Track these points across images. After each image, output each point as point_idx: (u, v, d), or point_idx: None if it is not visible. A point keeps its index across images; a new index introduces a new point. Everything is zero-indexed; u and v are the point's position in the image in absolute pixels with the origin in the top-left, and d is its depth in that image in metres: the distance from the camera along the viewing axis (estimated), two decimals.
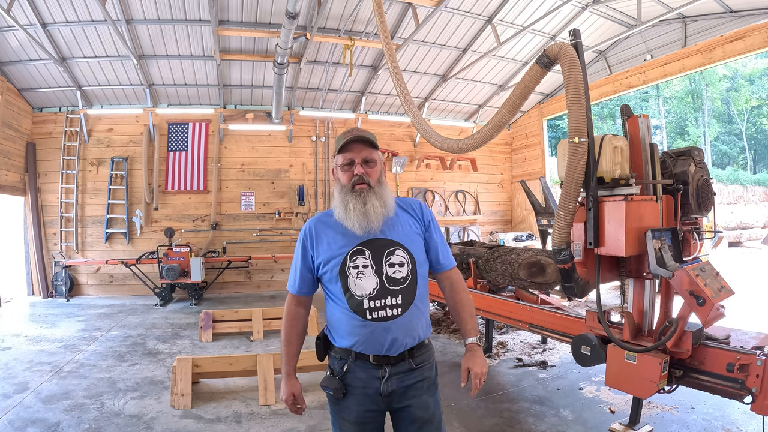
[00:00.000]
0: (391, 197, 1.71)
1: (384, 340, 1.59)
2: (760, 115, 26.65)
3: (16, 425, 3.14)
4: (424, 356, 1.69)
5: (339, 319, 1.65)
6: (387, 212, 1.66)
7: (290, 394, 1.71)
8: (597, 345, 2.78)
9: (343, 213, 1.64)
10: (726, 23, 6.88)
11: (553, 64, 2.84)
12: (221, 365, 3.80)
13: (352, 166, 1.67)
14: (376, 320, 1.59)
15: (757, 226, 15.06)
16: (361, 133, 1.69)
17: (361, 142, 1.67)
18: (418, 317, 1.65)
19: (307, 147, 9.63)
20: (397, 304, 1.61)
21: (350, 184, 1.65)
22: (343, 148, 1.68)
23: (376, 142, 1.71)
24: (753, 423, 2.99)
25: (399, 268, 1.63)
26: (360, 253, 1.63)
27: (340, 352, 1.67)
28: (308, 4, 6.72)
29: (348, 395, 1.64)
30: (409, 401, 1.65)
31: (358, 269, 1.62)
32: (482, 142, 3.68)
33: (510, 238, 9.74)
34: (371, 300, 1.60)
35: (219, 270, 8.31)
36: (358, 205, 1.62)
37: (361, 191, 1.64)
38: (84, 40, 7.13)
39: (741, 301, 5.08)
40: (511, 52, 8.83)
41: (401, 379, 1.63)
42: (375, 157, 1.69)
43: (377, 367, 1.62)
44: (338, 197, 1.69)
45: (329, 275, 1.66)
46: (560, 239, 2.73)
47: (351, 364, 1.64)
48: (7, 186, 7.70)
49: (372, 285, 1.61)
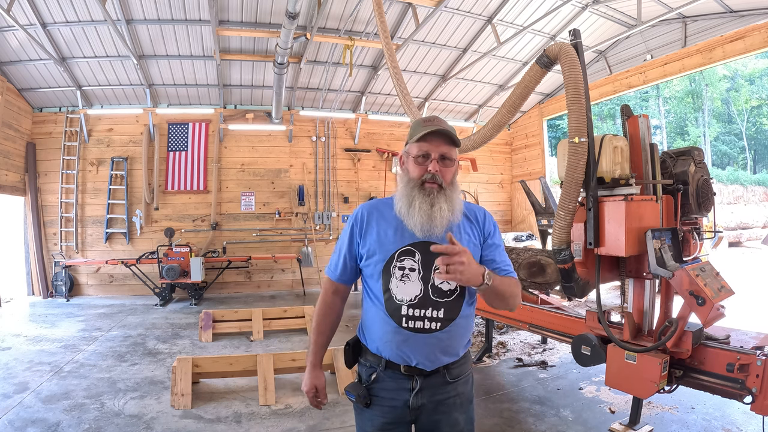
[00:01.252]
0: (461, 203, 1.55)
1: (416, 353, 1.47)
2: (760, 115, 26.65)
3: (16, 425, 3.14)
4: (461, 369, 1.56)
5: (372, 319, 1.54)
6: (454, 218, 1.50)
7: (313, 386, 1.63)
8: (597, 345, 2.78)
9: (405, 209, 1.48)
10: (726, 23, 6.87)
11: (553, 64, 2.84)
12: (221, 365, 3.80)
13: (426, 160, 1.49)
14: (412, 330, 1.46)
15: (757, 226, 15.07)
16: (443, 125, 1.49)
17: (442, 136, 1.48)
18: (459, 335, 1.52)
19: (307, 147, 9.62)
20: (438, 317, 1.46)
21: (420, 180, 1.48)
22: (420, 138, 1.49)
23: (458, 139, 1.52)
24: (753, 423, 2.99)
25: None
26: (410, 254, 1.49)
27: (371, 359, 1.55)
28: (308, 4, 6.71)
29: (373, 405, 1.53)
30: (438, 417, 1.52)
31: (404, 271, 1.48)
32: (482, 142, 3.68)
33: (510, 238, 9.72)
34: (411, 307, 1.46)
35: (219, 270, 8.31)
36: (425, 205, 1.45)
37: (431, 191, 1.47)
38: (84, 40, 7.13)
39: (741, 301, 5.08)
40: (511, 52, 8.82)
41: (433, 393, 1.51)
42: (453, 155, 1.52)
43: (408, 378, 1.49)
44: (403, 190, 1.51)
45: (371, 270, 1.53)
46: (560, 239, 2.73)
47: (380, 373, 1.52)
48: (7, 186, 7.70)
49: (415, 291, 1.47)
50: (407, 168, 1.55)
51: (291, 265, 9.14)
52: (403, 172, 1.56)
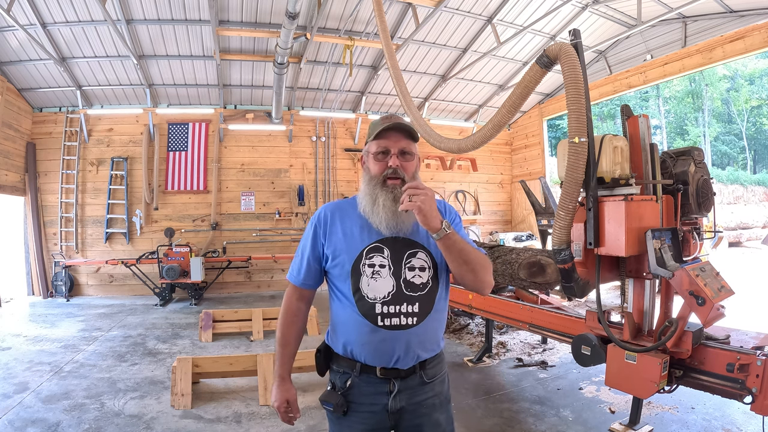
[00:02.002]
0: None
1: (394, 350, 1.44)
2: (760, 115, 26.65)
3: (16, 425, 3.14)
4: (437, 369, 1.55)
5: (345, 322, 1.49)
6: None
7: (284, 400, 1.56)
8: (597, 345, 2.77)
9: (369, 207, 1.47)
10: (726, 23, 6.88)
11: (553, 64, 2.83)
12: (221, 365, 3.80)
13: (386, 156, 1.48)
14: (388, 328, 1.43)
15: (757, 226, 15.06)
16: (400, 120, 1.50)
17: (399, 131, 1.49)
18: (435, 329, 1.52)
19: (307, 147, 9.63)
20: (413, 312, 1.45)
21: (382, 177, 1.47)
22: (378, 135, 1.49)
23: (416, 133, 1.52)
24: (753, 423, 2.99)
25: (419, 273, 1.48)
26: (378, 250, 1.47)
27: (344, 364, 1.51)
28: (308, 4, 6.71)
29: (350, 412, 1.48)
30: (420, 419, 1.50)
31: (374, 268, 1.45)
32: (482, 142, 3.67)
33: (510, 238, 9.73)
34: (385, 305, 1.44)
35: (219, 270, 8.31)
36: (389, 201, 1.44)
37: (394, 187, 1.45)
38: (84, 40, 7.13)
39: (741, 301, 5.08)
40: (511, 52, 8.82)
41: (411, 395, 1.49)
42: (413, 149, 1.51)
43: (385, 381, 1.47)
44: (366, 189, 1.50)
45: (339, 270, 1.49)
46: (560, 239, 2.73)
47: (355, 378, 1.48)
48: (7, 186, 7.70)
49: (387, 288, 1.45)
50: (368, 167, 1.54)
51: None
52: (365, 171, 1.56)
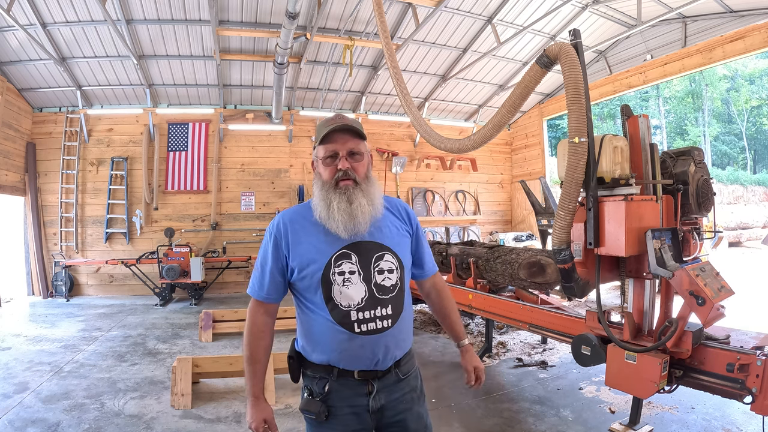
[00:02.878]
0: (380, 195, 1.53)
1: (373, 354, 1.45)
2: (760, 115, 26.65)
3: (16, 425, 3.14)
4: (409, 364, 1.59)
5: (320, 332, 1.46)
6: (375, 212, 1.49)
7: (261, 420, 1.51)
8: (597, 345, 2.77)
9: (325, 213, 1.45)
10: (726, 23, 6.88)
11: (553, 64, 2.83)
12: (221, 365, 3.79)
13: (335, 160, 1.46)
14: (365, 333, 1.43)
15: (757, 226, 15.06)
16: (345, 121, 1.47)
17: (346, 132, 1.46)
18: (407, 327, 1.55)
19: (307, 147, 9.62)
20: (387, 314, 1.46)
21: (333, 180, 1.46)
22: (324, 139, 1.46)
23: (363, 132, 1.50)
24: (753, 423, 2.99)
25: (388, 275, 1.48)
26: (346, 257, 1.45)
27: (320, 370, 1.48)
28: (308, 4, 6.72)
29: (331, 417, 1.47)
30: (402, 415, 1.53)
31: (344, 276, 1.43)
32: (482, 142, 3.68)
33: (510, 238, 9.74)
34: (360, 311, 1.43)
35: (219, 270, 8.31)
36: (343, 204, 1.43)
37: (346, 188, 1.45)
38: (84, 40, 7.13)
39: (741, 301, 5.08)
40: (511, 52, 8.82)
41: (389, 392, 1.51)
42: (362, 149, 1.49)
43: (363, 383, 1.47)
44: (319, 194, 1.49)
45: (307, 282, 1.45)
46: (560, 239, 2.73)
47: (333, 383, 1.47)
48: (7, 186, 7.70)
49: (360, 294, 1.43)
50: (319, 172, 1.52)
51: None
52: (316, 177, 1.53)
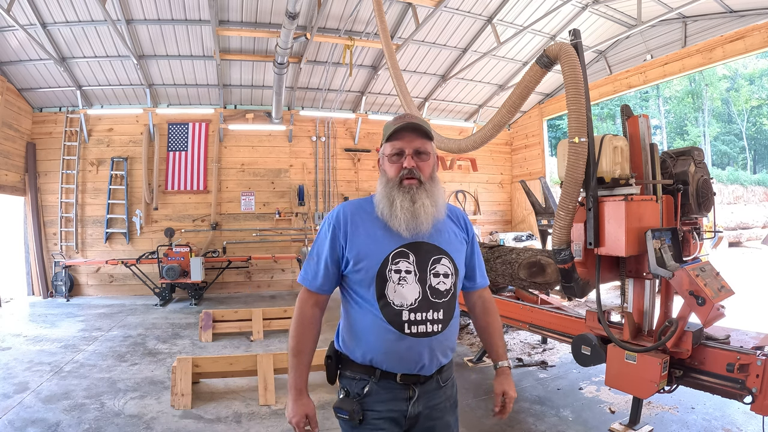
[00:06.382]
0: (443, 197, 1.51)
1: (420, 358, 1.41)
2: (760, 115, 26.66)
3: (16, 425, 3.14)
4: (449, 372, 1.56)
5: (367, 329, 1.42)
6: (438, 213, 1.46)
7: (303, 415, 1.45)
8: (597, 345, 2.78)
9: (387, 210, 1.42)
10: (726, 23, 6.87)
11: (553, 64, 2.84)
12: (221, 365, 3.79)
13: (401, 158, 1.45)
14: (415, 335, 1.39)
15: (757, 226, 15.05)
16: (414, 120, 1.46)
17: (413, 131, 1.45)
18: (454, 334, 1.51)
19: (307, 147, 9.62)
20: (438, 319, 1.42)
21: (398, 178, 1.44)
22: (392, 137, 1.45)
23: (431, 132, 1.49)
24: (753, 423, 2.99)
25: (444, 279, 1.45)
26: (404, 255, 1.42)
27: (361, 370, 1.44)
28: (308, 4, 6.71)
29: (366, 421, 1.42)
30: (433, 422, 1.48)
31: (400, 274, 1.40)
32: (482, 142, 3.68)
33: (510, 238, 9.74)
34: (412, 312, 1.39)
35: (219, 270, 8.31)
36: (406, 203, 1.41)
37: (410, 187, 1.43)
38: (84, 40, 7.13)
39: (741, 301, 5.08)
40: (511, 52, 8.82)
41: (428, 399, 1.46)
42: (429, 148, 1.47)
43: (404, 387, 1.43)
44: (382, 192, 1.46)
45: (362, 276, 1.42)
46: (560, 239, 2.73)
47: (373, 385, 1.42)
48: (7, 186, 7.70)
49: (414, 295, 1.40)
50: (384, 169, 1.50)
51: (291, 265, 9.14)
52: (381, 174, 1.52)
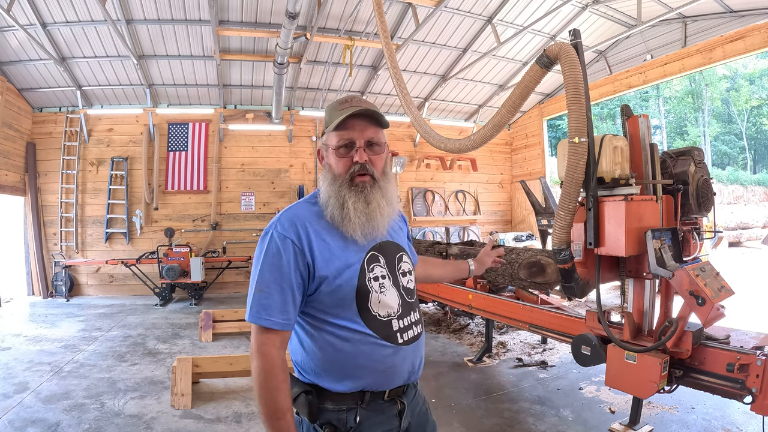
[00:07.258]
0: (397, 194, 1.35)
1: (412, 366, 1.31)
2: (760, 115, 26.66)
3: (16, 425, 3.14)
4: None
5: (353, 355, 1.22)
6: (393, 213, 1.32)
7: None
8: (597, 345, 2.77)
9: (338, 213, 1.23)
10: (726, 23, 6.88)
11: (553, 64, 2.83)
12: (221, 365, 3.80)
13: (350, 150, 1.24)
14: (407, 343, 1.27)
15: (757, 226, 15.05)
16: (364, 104, 1.25)
17: (365, 118, 1.24)
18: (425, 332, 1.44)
19: (307, 147, 9.63)
20: (417, 319, 1.33)
21: (348, 175, 1.24)
22: (340, 125, 1.24)
23: (384, 119, 1.28)
24: (753, 423, 2.99)
25: (410, 277, 1.35)
26: (375, 259, 1.27)
27: (346, 400, 1.24)
28: (308, 4, 6.71)
29: None
30: (423, 428, 1.41)
31: (379, 281, 1.25)
32: (482, 142, 3.67)
33: (510, 238, 9.74)
34: (399, 319, 1.27)
35: (219, 270, 8.31)
36: (360, 204, 1.22)
37: (363, 185, 1.24)
38: (84, 40, 7.13)
39: (741, 301, 5.08)
40: (511, 52, 8.82)
41: (413, 407, 1.36)
42: (381, 138, 1.27)
43: (393, 403, 1.29)
44: (329, 191, 1.26)
45: (342, 293, 1.21)
46: (560, 239, 2.73)
47: (363, 411, 1.24)
48: (7, 186, 7.70)
49: (395, 300, 1.28)
50: (329, 163, 1.29)
51: None
52: (325, 169, 1.30)
